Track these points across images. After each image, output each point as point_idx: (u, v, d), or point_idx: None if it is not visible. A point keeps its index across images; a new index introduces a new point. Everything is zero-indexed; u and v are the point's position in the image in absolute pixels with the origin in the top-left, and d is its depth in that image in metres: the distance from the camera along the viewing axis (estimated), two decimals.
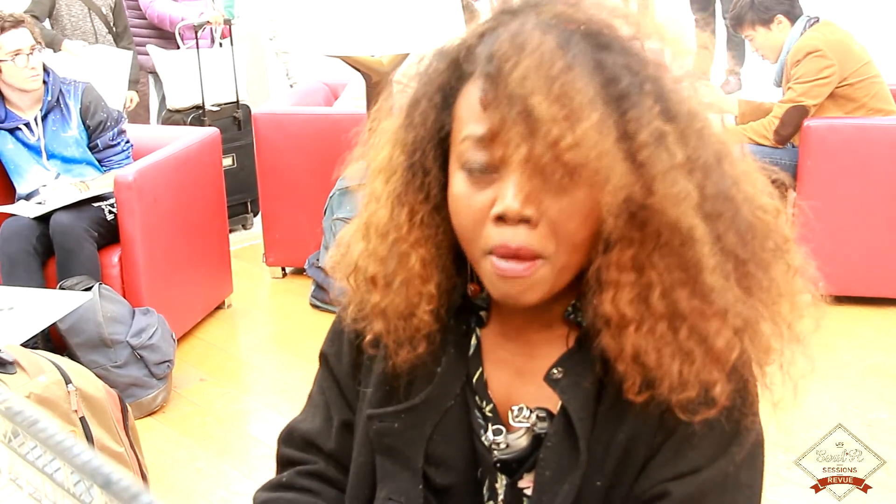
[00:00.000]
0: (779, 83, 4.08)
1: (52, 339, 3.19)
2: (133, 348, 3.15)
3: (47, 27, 4.89)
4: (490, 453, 0.98)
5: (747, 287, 0.90)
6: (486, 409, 0.99)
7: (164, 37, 5.19)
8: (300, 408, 1.15)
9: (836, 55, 3.81)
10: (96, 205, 3.50)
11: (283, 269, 4.40)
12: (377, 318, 0.98)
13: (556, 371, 0.96)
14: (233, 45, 5.16)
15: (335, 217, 3.80)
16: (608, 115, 0.84)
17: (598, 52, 0.86)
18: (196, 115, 4.91)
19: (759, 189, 0.94)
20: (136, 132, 3.91)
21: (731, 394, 0.90)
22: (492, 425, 0.98)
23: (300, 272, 4.28)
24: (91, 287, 3.18)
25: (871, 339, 3.61)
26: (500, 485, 0.98)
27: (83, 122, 3.62)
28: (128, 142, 3.74)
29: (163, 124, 5.08)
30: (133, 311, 3.26)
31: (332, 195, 3.87)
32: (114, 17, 5.03)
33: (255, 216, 5.05)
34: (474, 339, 1.01)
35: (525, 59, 0.83)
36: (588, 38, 0.87)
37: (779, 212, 0.94)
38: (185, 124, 4.80)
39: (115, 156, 3.69)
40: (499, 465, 0.98)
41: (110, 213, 3.50)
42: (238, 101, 5.07)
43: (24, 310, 2.89)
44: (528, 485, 0.97)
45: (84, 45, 4.84)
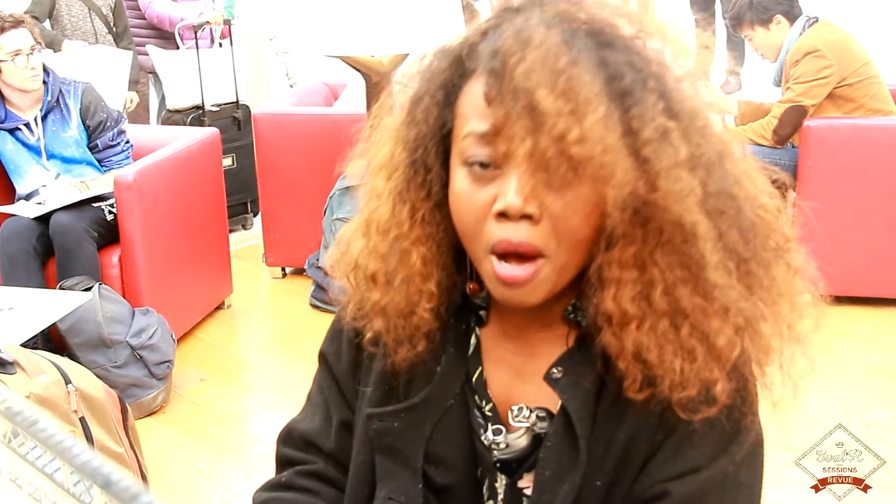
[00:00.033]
0: (778, 83, 4.08)
1: (51, 340, 3.19)
2: (133, 348, 3.15)
3: (47, 27, 4.89)
4: (490, 453, 0.98)
5: (748, 286, 0.90)
6: (486, 408, 0.99)
7: (164, 37, 5.19)
8: (300, 408, 1.15)
9: (835, 55, 3.81)
10: (96, 205, 3.50)
11: (283, 269, 4.40)
12: (377, 316, 0.98)
13: (555, 370, 0.96)
14: (232, 45, 5.16)
15: (335, 217, 3.80)
16: (613, 111, 0.84)
17: (602, 50, 0.87)
18: (196, 115, 4.91)
19: (760, 188, 0.94)
20: (135, 132, 3.91)
21: (731, 393, 0.90)
22: (491, 425, 0.98)
23: (300, 272, 4.28)
24: (91, 287, 3.18)
25: (871, 340, 3.61)
26: (500, 484, 0.98)
27: (83, 123, 3.62)
28: (128, 142, 3.74)
29: (162, 124, 5.07)
30: (133, 312, 3.26)
31: (332, 195, 3.87)
32: (114, 17, 5.03)
33: (254, 216, 5.05)
34: (474, 339, 1.01)
35: (530, 54, 0.84)
36: (591, 36, 0.87)
37: (780, 211, 0.94)
38: (184, 124, 4.80)
39: (114, 156, 3.69)
40: (498, 464, 0.98)
41: (110, 213, 3.50)
42: (238, 102, 5.07)
43: (23, 310, 2.89)
44: (527, 484, 0.97)
45: (84, 45, 4.84)
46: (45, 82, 3.58)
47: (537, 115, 0.83)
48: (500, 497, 0.98)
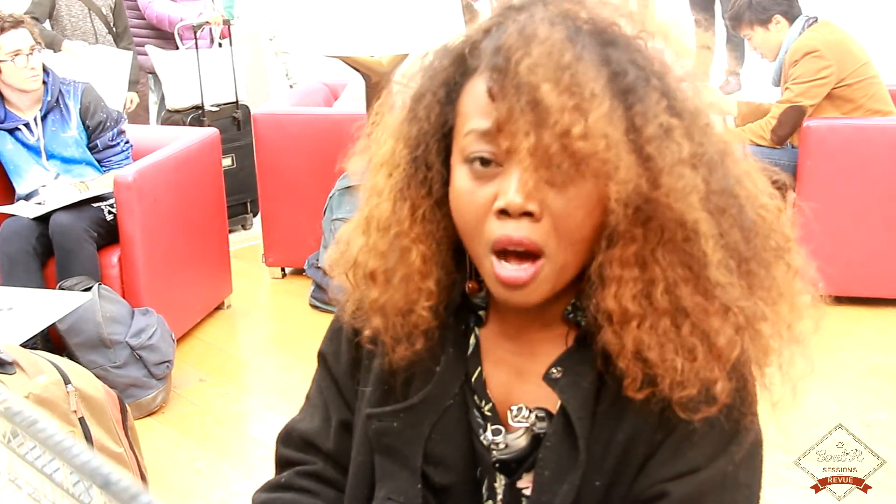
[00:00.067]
0: (777, 83, 4.08)
1: (51, 340, 3.19)
2: (132, 349, 3.15)
3: (47, 28, 4.89)
4: (489, 453, 0.98)
5: (749, 285, 0.90)
6: (485, 408, 0.99)
7: (163, 37, 5.18)
8: (299, 408, 1.14)
9: (834, 56, 3.81)
10: (96, 205, 3.50)
11: (283, 269, 4.40)
12: (375, 314, 0.98)
13: (555, 370, 0.96)
14: (232, 45, 5.16)
15: (334, 217, 3.80)
16: (616, 107, 0.85)
17: (605, 47, 0.87)
18: (195, 115, 4.91)
19: (761, 188, 0.94)
20: (135, 132, 3.91)
21: (731, 392, 0.90)
22: (491, 425, 0.98)
23: (300, 272, 4.28)
24: (90, 287, 3.18)
25: (871, 340, 3.61)
26: (499, 485, 0.98)
27: (83, 123, 3.62)
28: (127, 142, 3.74)
29: (162, 125, 5.07)
30: (132, 312, 3.26)
31: (331, 195, 3.87)
32: (114, 17, 5.03)
33: (254, 216, 5.04)
34: (473, 339, 1.01)
35: (535, 49, 0.84)
36: (594, 34, 0.87)
37: (780, 211, 0.94)
38: (184, 124, 4.80)
39: (114, 156, 3.68)
40: (497, 465, 0.98)
41: (110, 213, 3.50)
42: (237, 102, 5.07)
43: (23, 310, 2.89)
44: (526, 485, 0.97)
45: (84, 45, 4.84)
46: (44, 82, 3.58)
47: (541, 110, 0.83)
48: (499, 497, 0.98)
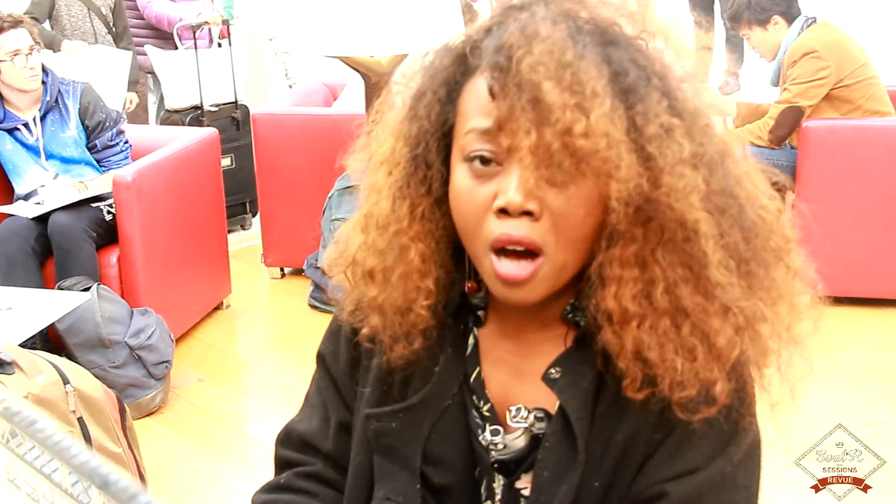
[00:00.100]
0: (776, 83, 4.08)
1: (50, 340, 3.19)
2: (131, 349, 3.15)
3: (47, 28, 4.89)
4: (487, 453, 0.98)
5: (749, 286, 0.90)
6: (484, 408, 0.99)
7: (163, 37, 5.18)
8: (298, 408, 1.14)
9: (832, 56, 3.81)
10: (95, 205, 3.50)
11: (282, 269, 4.40)
12: (374, 312, 0.98)
13: (554, 371, 0.96)
14: (231, 45, 5.16)
15: (334, 217, 3.80)
16: (618, 106, 0.85)
17: (606, 47, 0.87)
18: (194, 115, 4.91)
19: (761, 189, 0.94)
20: (134, 132, 3.91)
21: (730, 393, 0.90)
22: (489, 425, 0.98)
23: (299, 272, 4.28)
24: (89, 287, 3.18)
25: (870, 340, 3.61)
26: (498, 485, 0.98)
27: (82, 123, 3.62)
28: (126, 142, 3.74)
29: (161, 125, 5.07)
30: (131, 312, 3.26)
31: (330, 195, 3.87)
32: (113, 17, 5.03)
33: (253, 216, 5.04)
34: (472, 339, 1.01)
35: (537, 47, 0.84)
36: (595, 33, 0.88)
37: (780, 212, 0.94)
38: (183, 124, 4.80)
39: (113, 156, 3.68)
40: (496, 465, 0.98)
41: (109, 213, 3.50)
42: (237, 102, 5.07)
43: (22, 310, 2.89)
44: (525, 485, 0.97)
45: (84, 45, 4.83)
46: (43, 82, 3.58)
47: (542, 108, 0.83)
48: (498, 497, 0.98)
